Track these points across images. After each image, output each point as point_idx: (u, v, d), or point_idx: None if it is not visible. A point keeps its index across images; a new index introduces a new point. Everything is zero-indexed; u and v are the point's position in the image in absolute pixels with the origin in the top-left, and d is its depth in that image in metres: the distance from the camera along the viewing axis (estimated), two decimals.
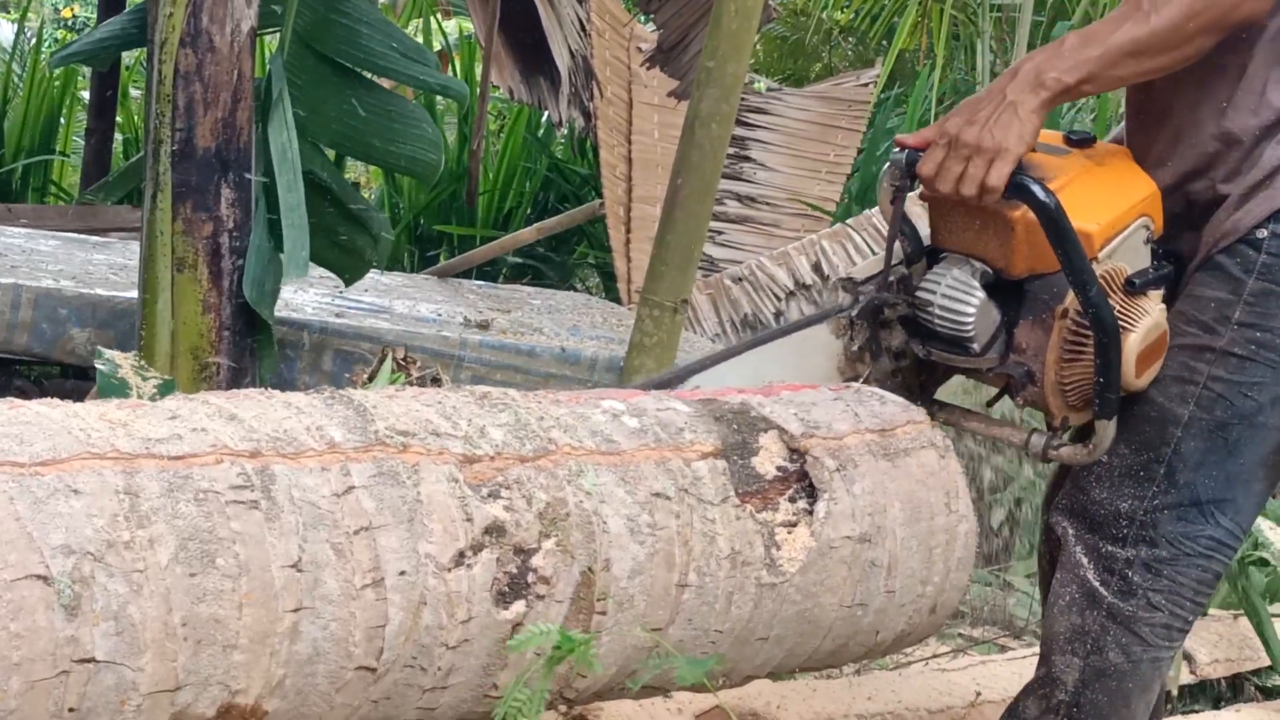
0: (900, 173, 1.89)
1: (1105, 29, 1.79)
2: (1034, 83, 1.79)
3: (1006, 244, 1.86)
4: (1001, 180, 1.78)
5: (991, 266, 1.88)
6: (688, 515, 1.64)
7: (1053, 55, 1.80)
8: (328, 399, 1.52)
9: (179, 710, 1.31)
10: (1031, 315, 1.87)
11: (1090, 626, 1.92)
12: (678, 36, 5.17)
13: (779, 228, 5.81)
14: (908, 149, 1.88)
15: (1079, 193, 1.84)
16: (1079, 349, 1.86)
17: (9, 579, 1.21)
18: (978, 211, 1.85)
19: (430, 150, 3.27)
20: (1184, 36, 1.77)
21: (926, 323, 1.92)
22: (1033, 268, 1.86)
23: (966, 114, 1.82)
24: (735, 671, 1.80)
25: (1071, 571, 1.94)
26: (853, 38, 9.09)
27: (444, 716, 1.54)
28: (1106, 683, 1.92)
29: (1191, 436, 1.87)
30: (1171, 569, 1.89)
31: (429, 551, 1.44)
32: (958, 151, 1.80)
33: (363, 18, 3.19)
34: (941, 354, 1.94)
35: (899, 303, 1.95)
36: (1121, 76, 1.81)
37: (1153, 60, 1.79)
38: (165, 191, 2.89)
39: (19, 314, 3.43)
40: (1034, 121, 1.79)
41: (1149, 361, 1.88)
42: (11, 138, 6.20)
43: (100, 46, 3.33)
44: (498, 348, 3.71)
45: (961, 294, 1.88)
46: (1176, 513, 1.88)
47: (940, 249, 1.94)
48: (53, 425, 1.32)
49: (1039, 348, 1.87)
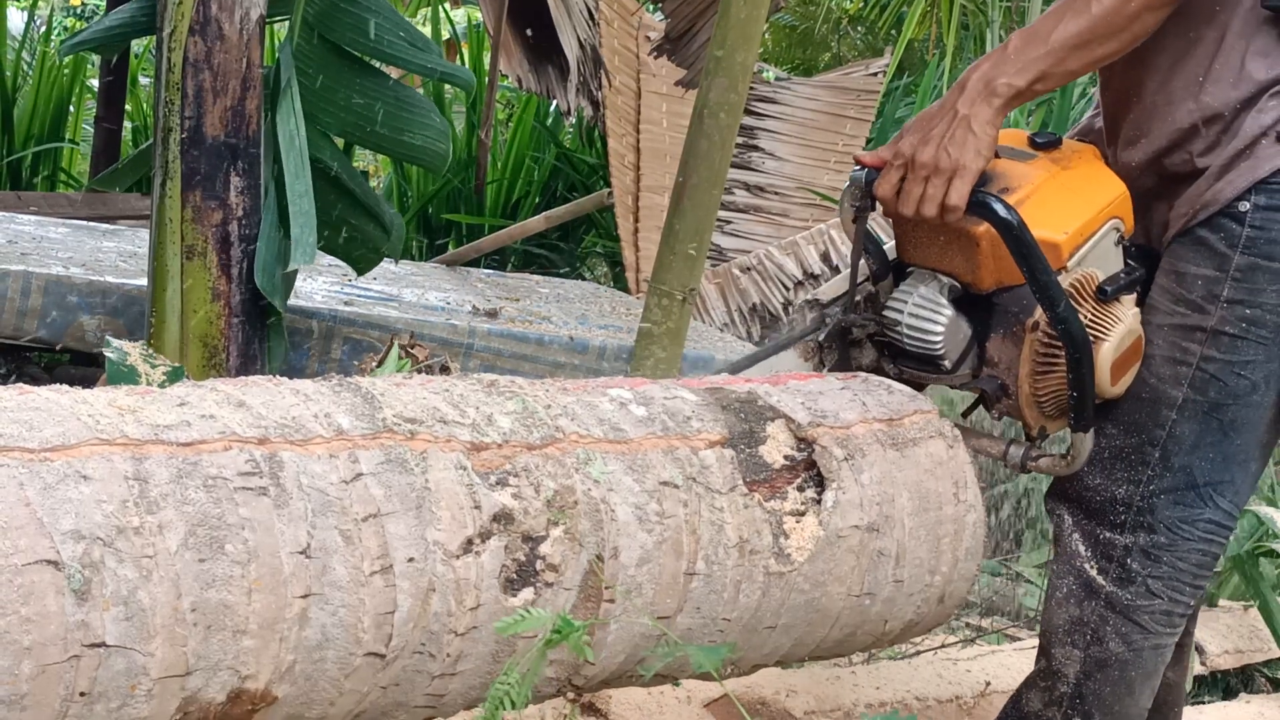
0: (860, 192, 1.86)
1: (1047, 25, 1.75)
2: (984, 92, 1.75)
3: (972, 259, 1.83)
4: (962, 199, 1.75)
5: (959, 281, 1.85)
6: (695, 504, 1.64)
7: (999, 61, 1.76)
8: (336, 386, 1.52)
9: (189, 695, 1.31)
10: (1002, 329, 1.85)
11: (1089, 617, 1.90)
12: (686, 25, 5.16)
13: (787, 217, 5.80)
14: (866, 167, 1.84)
15: (1044, 201, 1.80)
16: (1051, 361, 1.83)
17: (19, 564, 1.21)
18: (941, 227, 1.82)
19: (438, 139, 3.27)
20: (1128, 18, 1.73)
21: (896, 341, 1.90)
22: (1000, 280, 1.83)
23: (919, 132, 1.78)
24: (743, 660, 1.80)
25: (1068, 562, 1.93)
26: (862, 27, 9.07)
27: (453, 703, 1.55)
28: (1109, 672, 1.91)
29: (1186, 418, 1.84)
30: (1170, 555, 1.87)
31: (437, 539, 1.44)
32: (915, 173, 1.77)
33: (371, 6, 3.19)
34: (912, 372, 1.92)
35: (867, 323, 1.93)
36: (1073, 70, 1.77)
37: (1102, 47, 1.75)
38: (174, 179, 2.89)
39: (29, 301, 3.44)
40: (990, 133, 1.76)
41: (1124, 369, 1.85)
42: (21, 125, 6.21)
43: (110, 34, 3.33)
44: (506, 336, 3.72)
45: (929, 312, 1.86)
46: (1174, 497, 1.86)
47: (906, 264, 1.91)
48: (62, 411, 1.33)
49: (1011, 361, 1.84)
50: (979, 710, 2.56)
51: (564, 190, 6.70)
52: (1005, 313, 1.84)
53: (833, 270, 5.16)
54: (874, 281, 1.94)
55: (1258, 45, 1.80)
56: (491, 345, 3.69)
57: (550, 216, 5.83)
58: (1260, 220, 1.79)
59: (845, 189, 1.89)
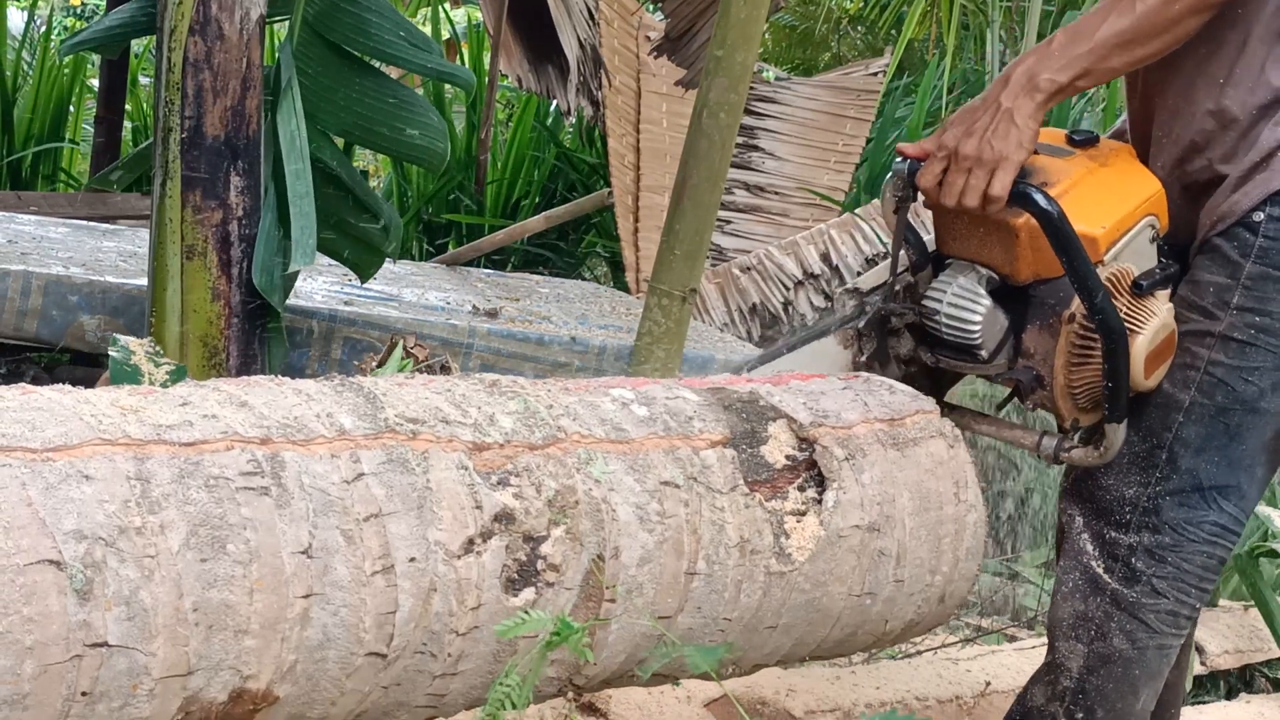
0: (902, 183, 1.89)
1: (1092, 23, 1.79)
2: (1028, 86, 1.78)
3: (1011, 250, 1.85)
4: (1004, 190, 1.78)
5: (997, 272, 1.88)
6: (696, 504, 1.65)
7: (1043, 56, 1.79)
8: (338, 386, 1.52)
9: (191, 695, 1.31)
10: (1038, 320, 1.87)
11: (1094, 613, 1.92)
12: (686, 25, 5.16)
13: (788, 217, 5.80)
14: (909, 159, 1.87)
15: (1082, 196, 1.83)
16: (1087, 353, 1.86)
17: (22, 564, 1.21)
18: (981, 219, 1.85)
19: (437, 139, 3.27)
20: (1171, 20, 1.76)
21: (934, 330, 1.92)
22: (1038, 273, 1.86)
23: (963, 124, 1.81)
24: (744, 660, 1.81)
25: (1075, 558, 1.94)
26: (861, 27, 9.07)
27: (454, 703, 1.55)
28: (1112, 669, 1.92)
29: (1193, 422, 1.87)
30: (1175, 555, 1.89)
31: (439, 539, 1.45)
32: (959, 164, 1.80)
33: (371, 6, 3.19)
34: (950, 361, 1.94)
35: (905, 311, 1.95)
36: (1114, 68, 1.80)
37: (1143, 48, 1.78)
38: (174, 179, 2.89)
39: (29, 301, 3.44)
40: (1032, 126, 1.78)
41: (1158, 362, 1.88)
42: (21, 125, 6.21)
43: (110, 34, 3.33)
44: (506, 336, 3.72)
45: (968, 302, 1.88)
46: (1179, 498, 1.88)
47: (945, 255, 1.94)
48: (64, 411, 1.33)
49: (1047, 352, 1.87)
50: (979, 710, 2.56)
51: (564, 190, 6.70)
52: (1042, 304, 1.87)
53: (832, 270, 5.16)
54: (913, 272, 1.96)
55: (1278, 52, 1.82)
56: (492, 345, 3.69)
57: (550, 216, 5.83)
58: (1274, 231, 1.82)
59: (888, 179, 1.92)
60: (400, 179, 6.53)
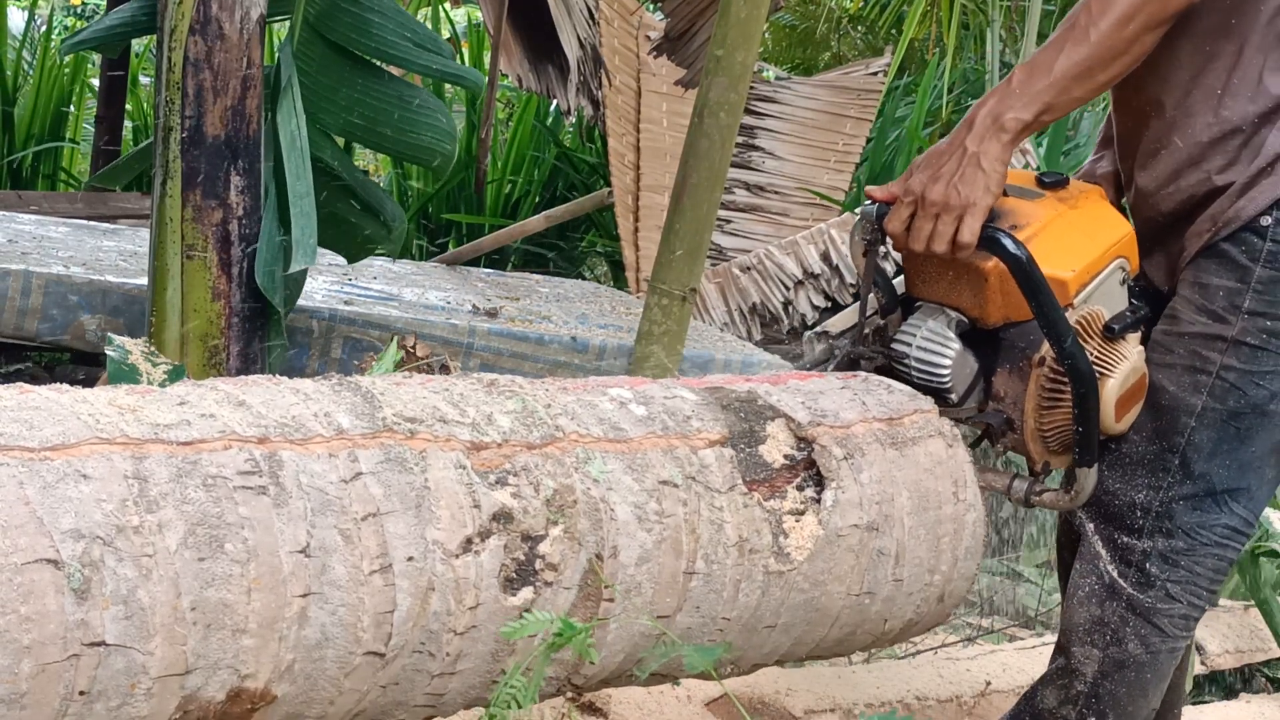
0: (871, 226, 1.88)
1: (1048, 57, 1.78)
2: (993, 128, 1.77)
3: (980, 294, 1.85)
4: (973, 236, 1.77)
5: (966, 315, 1.88)
6: (695, 503, 1.65)
7: (1004, 96, 1.78)
8: (336, 386, 1.52)
9: (189, 694, 1.31)
10: (1008, 363, 1.87)
11: (1110, 618, 1.92)
12: (686, 25, 5.16)
13: (788, 217, 5.80)
14: (877, 202, 1.86)
15: (1052, 238, 1.82)
16: (1057, 396, 1.85)
17: (19, 563, 1.21)
18: (951, 262, 1.84)
19: (444, 141, 3.26)
20: (1127, 41, 1.76)
21: (904, 373, 1.92)
22: (1008, 316, 1.86)
23: (930, 169, 1.80)
24: (743, 659, 1.81)
25: (1091, 563, 1.95)
26: (862, 26, 9.07)
27: (452, 702, 1.55)
28: (1125, 674, 1.93)
29: (1205, 426, 1.87)
30: (1189, 559, 1.90)
31: (437, 538, 1.45)
32: (926, 210, 1.79)
33: (374, 6, 3.19)
34: None
35: (875, 354, 1.95)
36: (1078, 98, 1.79)
37: (1104, 73, 1.78)
38: (175, 179, 2.89)
39: (29, 300, 3.44)
40: (999, 170, 1.77)
41: (1128, 405, 1.88)
42: (22, 125, 6.21)
43: (110, 34, 3.33)
44: (506, 335, 3.72)
45: (937, 345, 1.88)
46: (1192, 503, 1.89)
47: (915, 298, 1.93)
48: (62, 410, 1.33)
49: (1017, 396, 1.86)
50: (979, 710, 2.56)
51: (564, 190, 6.70)
52: (1012, 348, 1.87)
53: (832, 270, 5.16)
54: (883, 315, 1.96)
55: (1275, 60, 1.82)
56: (491, 344, 3.69)
57: (550, 216, 5.83)
58: None
59: (856, 223, 1.92)
60: (400, 178, 6.53)
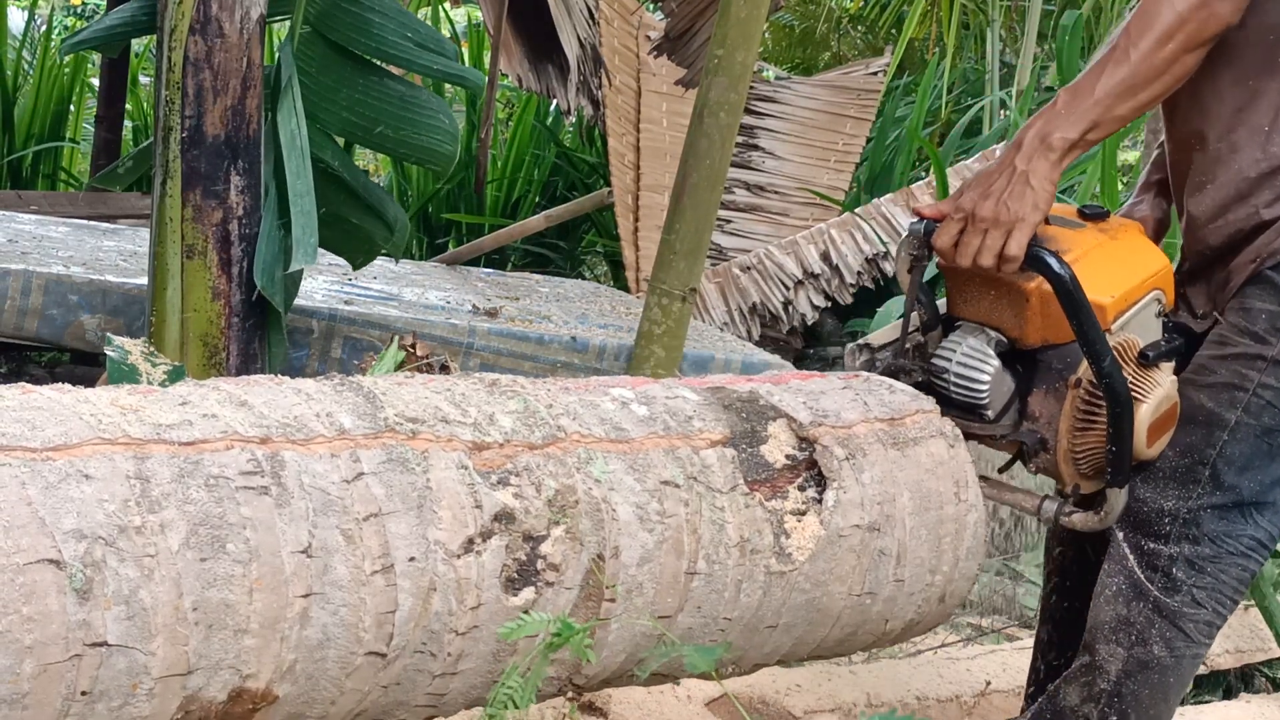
0: (918, 242, 1.93)
1: (1091, 79, 1.84)
2: (1041, 147, 1.83)
3: (1021, 314, 1.90)
4: (1021, 250, 1.82)
5: (1006, 335, 1.92)
6: (697, 503, 1.65)
7: (1051, 117, 1.84)
8: (337, 386, 1.52)
9: (190, 694, 1.31)
10: (1045, 384, 1.92)
11: (1136, 618, 1.95)
12: (686, 24, 5.16)
13: (788, 217, 5.80)
14: (925, 219, 1.92)
15: (1093, 266, 1.88)
16: (1091, 418, 1.90)
17: (21, 563, 1.21)
18: (993, 282, 1.90)
19: (446, 141, 3.26)
20: (1168, 61, 1.81)
21: (942, 390, 1.96)
22: (1046, 338, 1.90)
23: (980, 187, 1.86)
24: (744, 659, 1.81)
25: (1119, 563, 1.98)
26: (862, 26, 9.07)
27: (454, 702, 1.55)
28: (1149, 675, 1.95)
29: (1238, 440, 1.91)
30: (1214, 566, 1.93)
31: (438, 538, 1.45)
32: (975, 225, 1.84)
33: (374, 6, 3.18)
34: (956, 420, 1.98)
35: (915, 369, 1.99)
36: (1122, 116, 1.85)
37: (1146, 92, 1.83)
38: (175, 179, 2.89)
39: (29, 300, 3.44)
40: (1047, 188, 1.83)
41: (1160, 432, 1.92)
42: (22, 125, 6.21)
43: (110, 33, 3.33)
44: (506, 335, 3.72)
45: (976, 363, 1.92)
46: (1219, 512, 1.92)
47: (956, 317, 1.99)
48: (64, 411, 1.33)
49: (1052, 416, 1.91)
50: (979, 710, 2.56)
51: (564, 189, 6.70)
52: (1049, 369, 1.91)
53: (832, 269, 5.16)
54: (924, 331, 2.01)
55: None
56: (491, 344, 3.69)
57: (550, 216, 5.83)
58: None
59: (903, 239, 1.97)
60: (400, 178, 6.53)
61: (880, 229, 5.16)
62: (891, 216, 5.20)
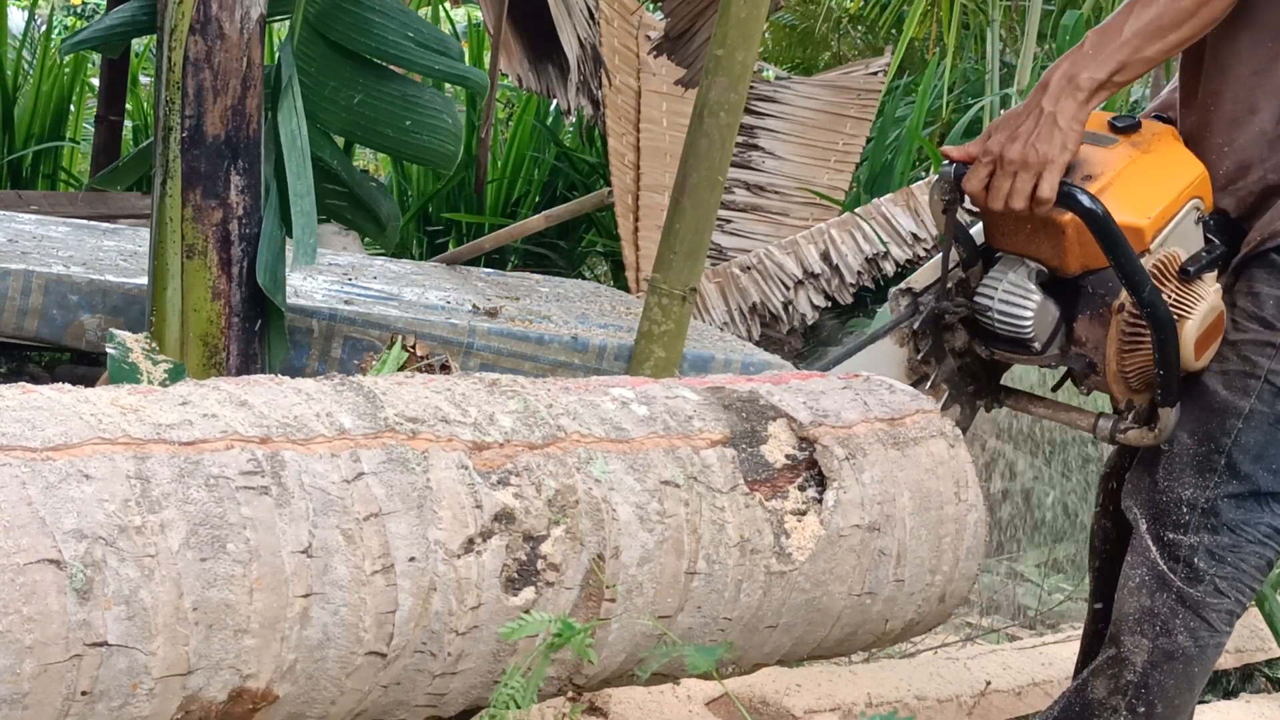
0: (949, 186, 1.93)
1: (1119, 20, 1.84)
2: (1068, 88, 1.83)
3: (1058, 246, 1.90)
4: (1052, 191, 1.83)
5: (1046, 265, 1.92)
6: (697, 503, 1.65)
7: (1078, 58, 1.84)
8: (338, 385, 1.52)
9: (190, 694, 1.31)
10: (1089, 310, 1.92)
11: (1160, 609, 1.96)
12: (686, 24, 5.16)
13: (788, 216, 5.80)
14: (954, 162, 1.92)
15: (1126, 186, 1.87)
16: (1137, 339, 1.90)
17: (21, 563, 1.21)
18: (1029, 216, 1.89)
19: (449, 141, 3.25)
20: (1197, 4, 1.81)
21: (987, 325, 1.97)
22: (1086, 265, 1.90)
23: (1007, 130, 1.86)
24: (744, 659, 1.81)
25: (1142, 555, 1.99)
26: (862, 26, 9.07)
27: (454, 702, 1.55)
28: (1174, 665, 1.96)
29: (1252, 429, 1.92)
30: (1234, 555, 1.94)
31: (439, 538, 1.45)
32: (1005, 168, 1.84)
33: (375, 6, 3.18)
34: (1004, 353, 2.00)
35: (959, 308, 2.00)
36: (1150, 58, 1.84)
37: (1175, 33, 1.83)
38: (175, 178, 2.89)
39: (29, 300, 3.44)
40: (1075, 128, 1.83)
41: (1207, 343, 1.92)
42: (22, 124, 6.21)
43: (111, 33, 3.33)
44: (506, 335, 3.72)
45: (1019, 297, 1.93)
46: (1237, 501, 1.93)
47: (994, 250, 1.98)
48: (64, 410, 1.33)
49: (1098, 341, 1.92)
50: (979, 709, 2.56)
51: (564, 189, 6.70)
52: (1091, 295, 1.92)
53: (832, 269, 5.16)
54: (964, 268, 2.00)
55: None
56: (492, 344, 3.69)
57: (550, 215, 5.83)
58: None
59: (935, 183, 1.96)
60: (400, 178, 6.53)
61: (880, 229, 5.16)
62: (891, 216, 5.21)
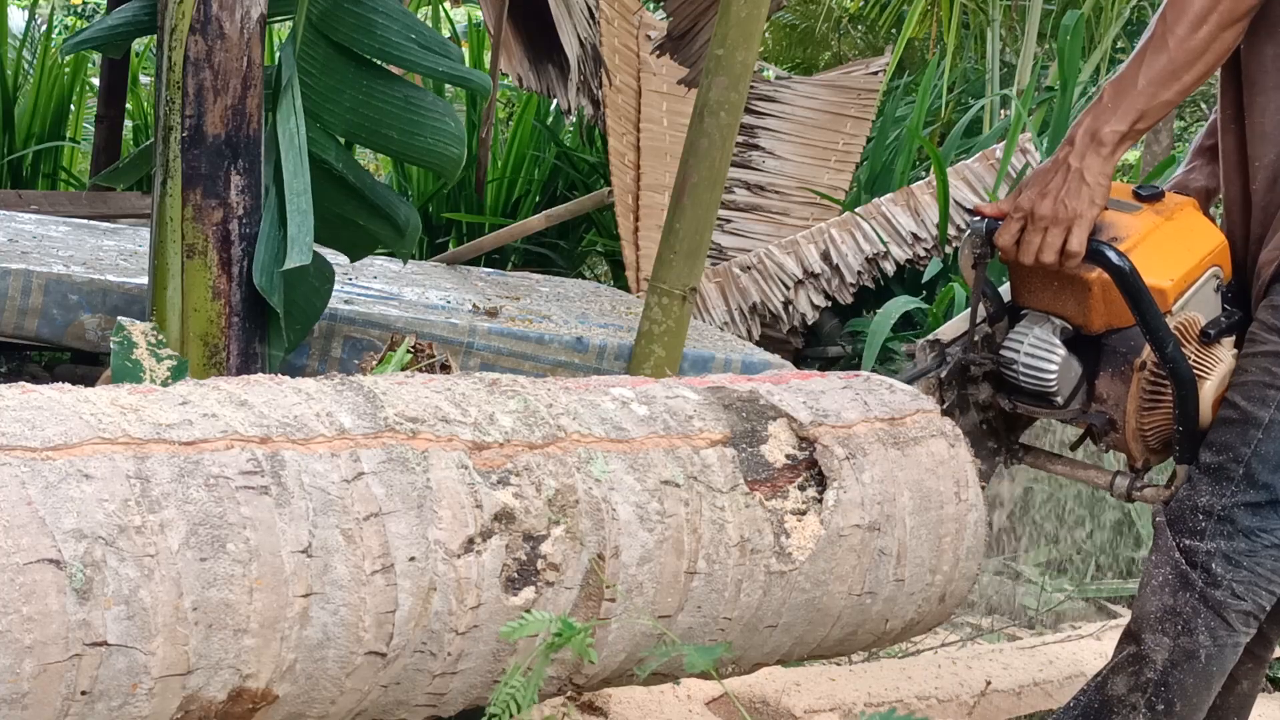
0: (980, 240, 1.99)
1: (1133, 69, 1.89)
2: (1093, 144, 1.88)
3: (1084, 303, 1.95)
4: (1081, 246, 1.88)
5: (1070, 323, 1.98)
6: (697, 503, 1.65)
7: (1099, 112, 1.89)
8: (338, 385, 1.52)
9: (190, 694, 1.31)
10: (1111, 368, 1.98)
11: (1182, 608, 1.97)
12: (687, 24, 5.16)
13: (788, 216, 5.80)
14: (986, 218, 1.97)
15: (1151, 250, 1.93)
16: (1157, 398, 1.96)
17: (21, 563, 1.21)
18: (1055, 273, 1.95)
19: (451, 144, 3.24)
20: (1206, 41, 1.85)
21: (1011, 379, 2.02)
22: (1110, 323, 1.96)
23: (1037, 186, 1.91)
24: (744, 659, 1.81)
25: (1165, 554, 2.00)
26: (862, 26, 9.07)
27: (453, 702, 1.55)
28: (1194, 664, 1.97)
29: (1271, 439, 1.94)
30: (1250, 560, 1.95)
31: (438, 538, 1.45)
32: (1035, 224, 1.90)
33: (377, 7, 3.17)
34: (1027, 407, 2.04)
35: (984, 361, 2.05)
36: (1169, 101, 1.89)
37: (1189, 74, 1.87)
38: (175, 178, 2.89)
39: (30, 300, 3.44)
40: (1102, 183, 1.88)
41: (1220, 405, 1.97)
42: (22, 124, 6.21)
43: (111, 33, 3.33)
44: (506, 335, 3.72)
45: (1044, 351, 1.98)
46: (1253, 509, 1.95)
47: (1021, 307, 2.04)
48: (64, 410, 1.33)
49: (1119, 398, 1.98)
50: (979, 710, 2.56)
51: (564, 189, 6.70)
52: (1114, 353, 1.98)
53: (832, 269, 5.15)
54: (991, 323, 2.07)
55: None
56: (492, 344, 3.69)
57: (550, 215, 5.82)
58: None
59: (965, 237, 2.02)
60: (401, 178, 6.53)
61: (880, 228, 5.16)
62: (891, 216, 5.20)
